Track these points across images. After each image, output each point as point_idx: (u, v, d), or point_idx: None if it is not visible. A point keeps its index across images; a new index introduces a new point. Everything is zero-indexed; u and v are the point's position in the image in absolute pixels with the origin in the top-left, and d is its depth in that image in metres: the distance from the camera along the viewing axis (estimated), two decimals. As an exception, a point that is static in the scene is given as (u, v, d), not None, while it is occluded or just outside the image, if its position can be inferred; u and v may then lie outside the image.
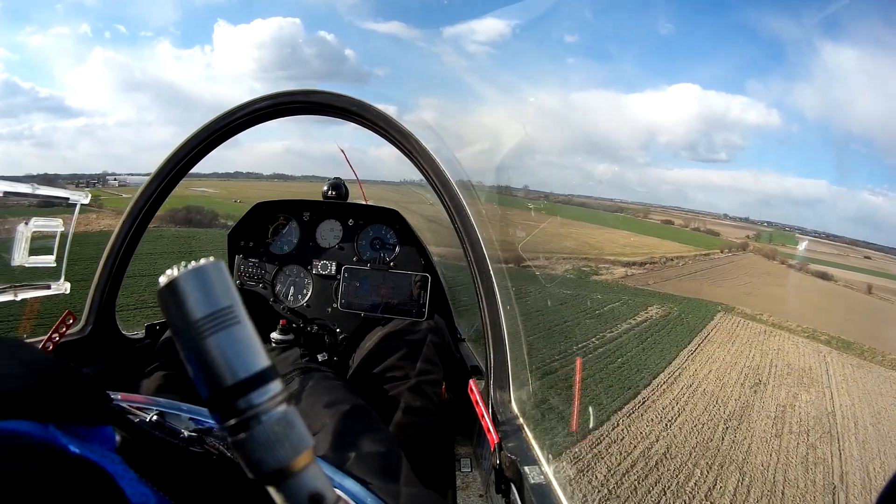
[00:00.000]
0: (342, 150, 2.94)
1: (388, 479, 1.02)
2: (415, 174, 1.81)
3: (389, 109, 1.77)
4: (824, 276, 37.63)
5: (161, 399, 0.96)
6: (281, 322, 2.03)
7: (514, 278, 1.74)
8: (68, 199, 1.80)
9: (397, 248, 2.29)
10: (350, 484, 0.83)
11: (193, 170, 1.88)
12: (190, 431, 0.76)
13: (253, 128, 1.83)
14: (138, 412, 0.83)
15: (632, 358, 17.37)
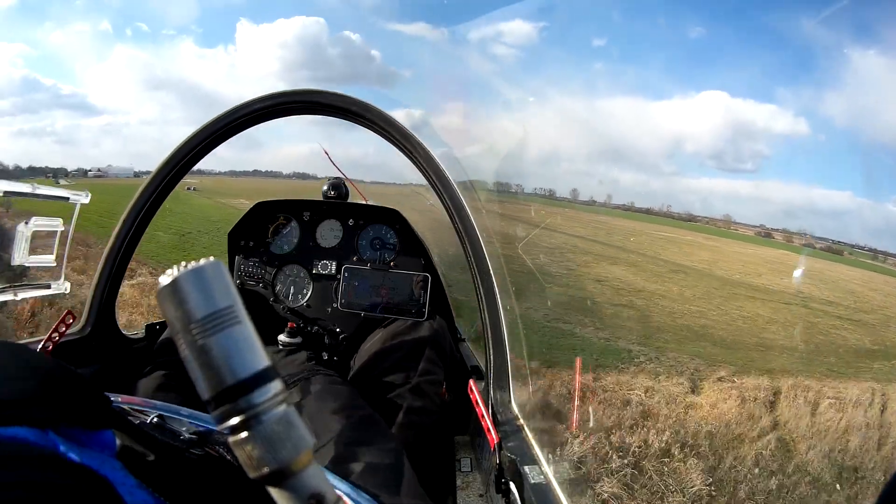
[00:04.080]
0: (325, 151, 2.95)
1: (393, 492, 1.02)
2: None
3: (415, 113, 1.76)
4: None
5: (160, 401, 0.96)
6: (289, 325, 2.01)
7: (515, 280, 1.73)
8: (68, 198, 1.81)
9: (398, 248, 2.28)
10: (352, 492, 0.83)
11: (209, 168, 1.87)
12: (190, 434, 0.76)
13: (276, 132, 1.81)
14: (138, 415, 0.82)
15: None
